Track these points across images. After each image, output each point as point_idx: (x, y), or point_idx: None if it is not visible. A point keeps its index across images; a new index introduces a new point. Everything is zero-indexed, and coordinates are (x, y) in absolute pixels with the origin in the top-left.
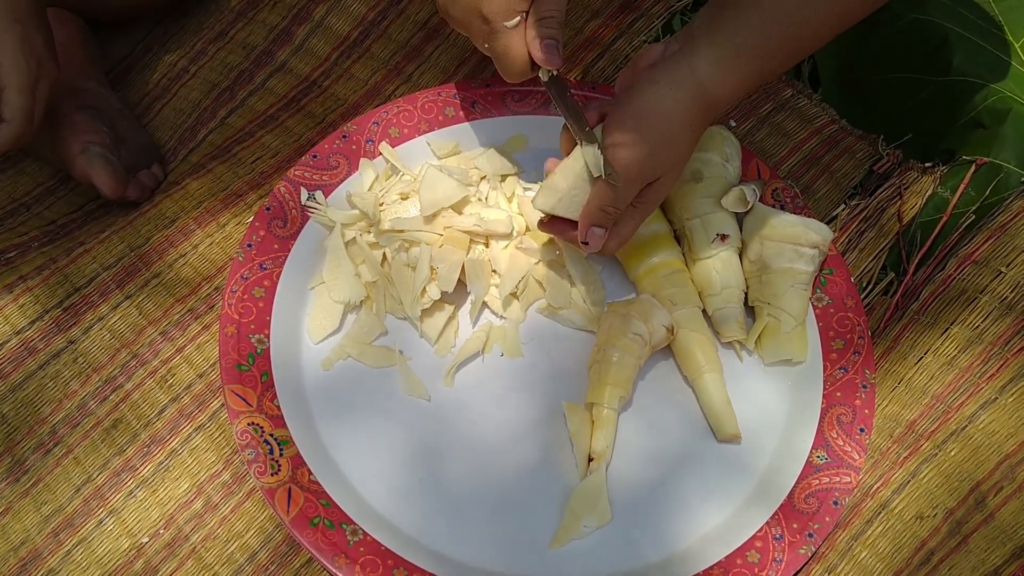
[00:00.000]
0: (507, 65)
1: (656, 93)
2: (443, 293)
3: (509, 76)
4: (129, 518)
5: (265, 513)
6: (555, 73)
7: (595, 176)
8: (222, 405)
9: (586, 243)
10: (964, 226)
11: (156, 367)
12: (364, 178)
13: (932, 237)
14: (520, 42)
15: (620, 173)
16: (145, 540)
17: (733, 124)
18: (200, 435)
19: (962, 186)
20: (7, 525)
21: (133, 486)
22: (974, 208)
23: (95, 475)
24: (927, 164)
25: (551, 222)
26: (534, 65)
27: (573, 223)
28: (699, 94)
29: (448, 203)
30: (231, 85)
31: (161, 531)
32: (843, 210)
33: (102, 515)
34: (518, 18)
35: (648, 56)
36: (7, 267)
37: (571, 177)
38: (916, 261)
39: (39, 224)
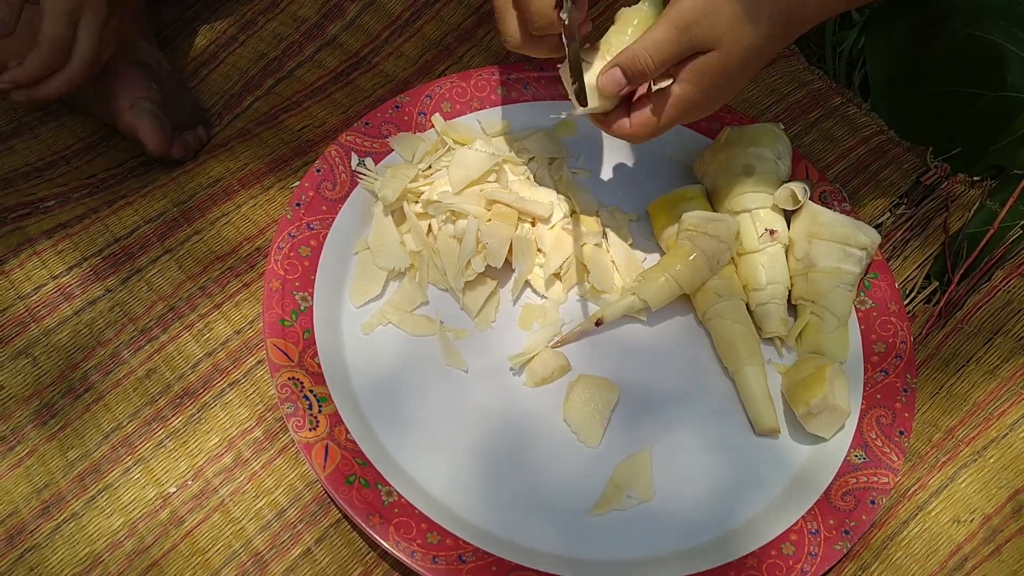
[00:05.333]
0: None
1: (739, 49)
2: (488, 267)
3: (537, 26)
4: (157, 467)
5: (296, 471)
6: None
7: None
8: (258, 363)
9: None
10: (1012, 240)
11: (193, 321)
12: (402, 151)
13: (979, 248)
14: None
15: (673, 9)
16: (172, 490)
17: (782, 127)
18: (233, 391)
19: (1011, 199)
20: (31, 467)
21: (163, 436)
22: (1023, 223)
23: (125, 423)
24: (975, 178)
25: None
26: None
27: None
28: (793, 17)
29: (478, 175)
30: (280, 56)
31: (189, 482)
32: (888, 218)
33: (129, 463)
34: None
35: None
36: (46, 215)
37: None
38: (962, 271)
39: (78, 177)
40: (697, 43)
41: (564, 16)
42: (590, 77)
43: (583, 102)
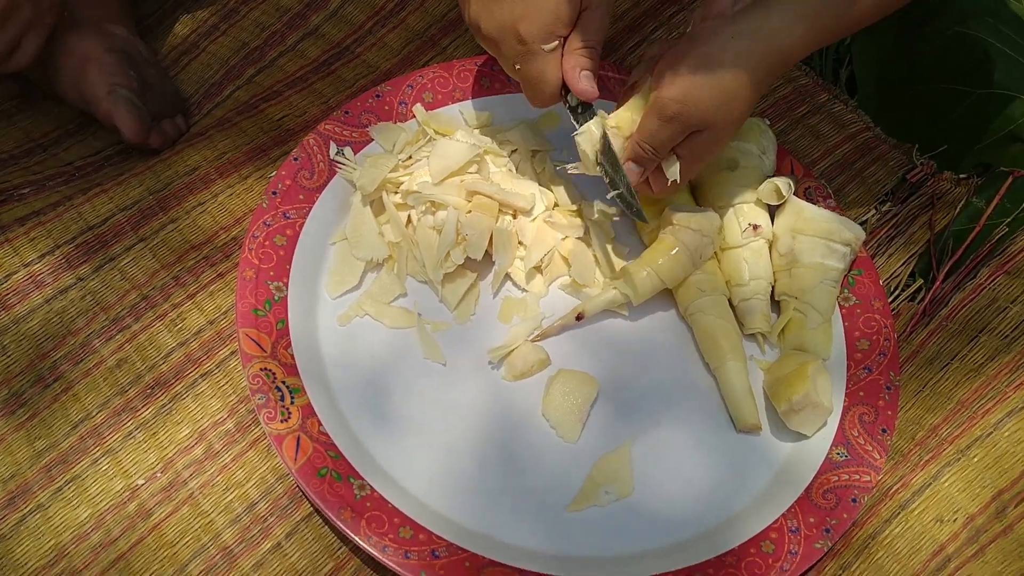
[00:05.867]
0: (538, 90)
1: (718, 40)
2: (468, 260)
3: (537, 101)
4: (125, 459)
5: (267, 464)
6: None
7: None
8: (231, 354)
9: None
10: (998, 237)
11: (166, 310)
12: (382, 140)
13: (964, 246)
14: (556, 68)
15: (657, 103)
16: (140, 482)
17: (767, 122)
18: (206, 382)
19: (997, 197)
20: None
21: (132, 427)
22: (1008, 220)
23: (94, 413)
24: (961, 175)
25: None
26: (563, 90)
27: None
28: (769, 48)
29: (458, 166)
30: (261, 45)
31: (158, 474)
32: (873, 215)
33: (97, 454)
34: (556, 42)
35: (718, 4)
36: (20, 202)
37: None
38: (947, 269)
39: (55, 165)
40: (688, 127)
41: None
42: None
43: (643, 218)
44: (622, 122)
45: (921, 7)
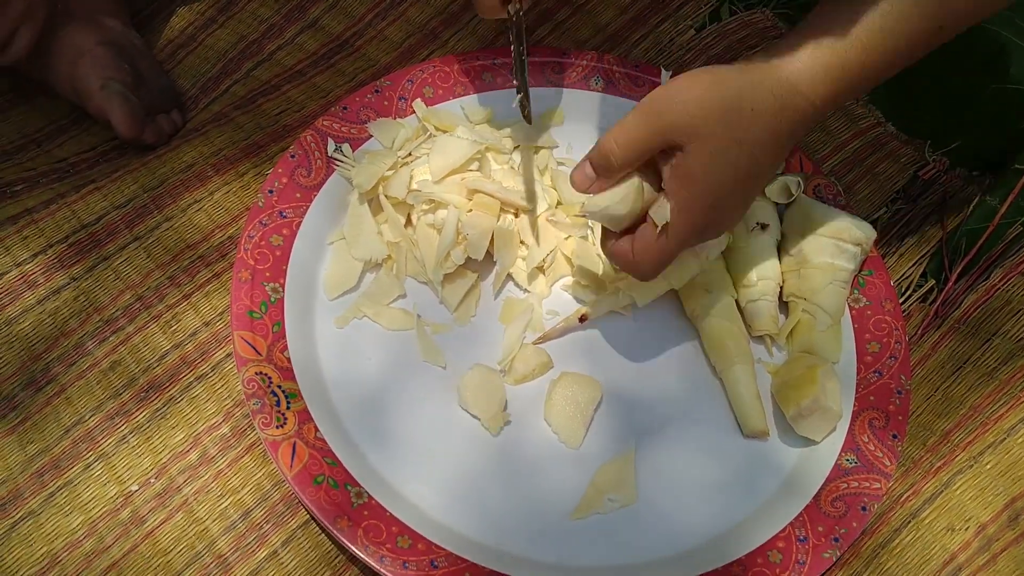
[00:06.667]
0: None
1: (738, 64)
2: (468, 260)
3: (483, 10)
4: (119, 464)
5: (263, 470)
6: (521, 11)
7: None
8: (227, 356)
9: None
10: (1012, 237)
11: (160, 311)
12: (381, 137)
13: (977, 246)
14: None
15: (644, 100)
16: (134, 488)
17: None
18: (201, 385)
19: (1012, 196)
20: None
21: (126, 431)
22: (1023, 220)
23: (87, 417)
24: (974, 172)
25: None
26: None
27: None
28: (786, 107)
29: (459, 163)
30: (259, 38)
31: (152, 480)
32: (884, 213)
33: (90, 459)
34: None
35: None
36: (13, 200)
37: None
38: (959, 269)
39: (49, 161)
40: (668, 131)
41: (511, 10)
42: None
43: (526, 116)
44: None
45: None
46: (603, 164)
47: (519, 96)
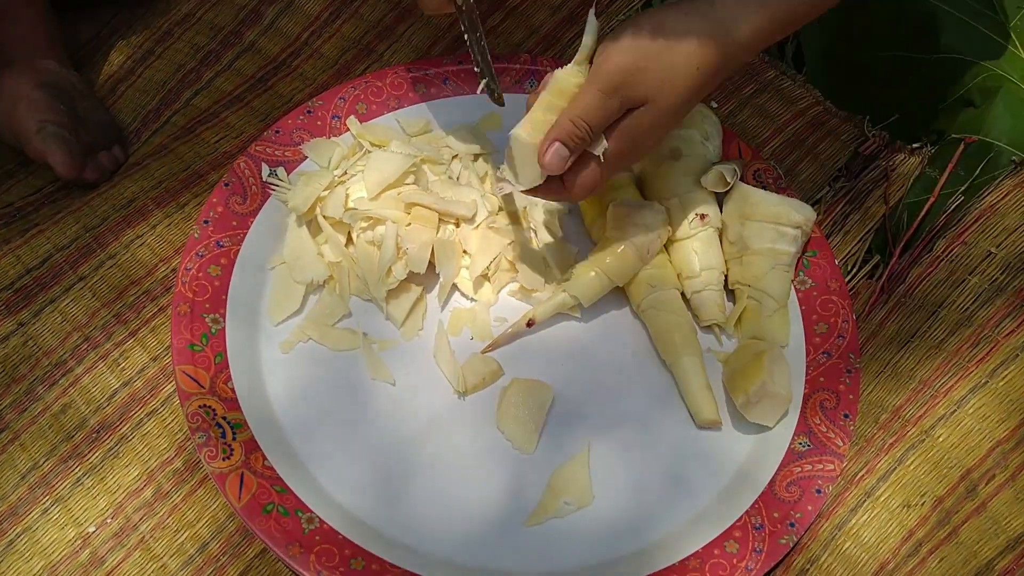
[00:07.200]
0: None
1: (668, 16)
2: (411, 274)
3: (428, 7)
4: (75, 506)
5: (218, 502)
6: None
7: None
8: (176, 389)
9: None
10: (953, 207)
11: (108, 350)
12: (317, 156)
13: (919, 219)
14: None
15: (600, 74)
16: (92, 529)
17: (715, 105)
18: (152, 420)
19: (950, 165)
20: None
21: (80, 473)
22: (963, 188)
23: (41, 462)
24: (914, 145)
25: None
26: None
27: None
28: (716, 30)
29: (394, 178)
30: (197, 66)
31: (109, 520)
32: (827, 192)
33: (47, 503)
34: None
35: None
36: None
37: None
38: (903, 243)
39: None
40: (627, 102)
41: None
42: (521, 132)
43: (497, 98)
44: (536, 126)
45: None
46: (577, 143)
47: (484, 80)
